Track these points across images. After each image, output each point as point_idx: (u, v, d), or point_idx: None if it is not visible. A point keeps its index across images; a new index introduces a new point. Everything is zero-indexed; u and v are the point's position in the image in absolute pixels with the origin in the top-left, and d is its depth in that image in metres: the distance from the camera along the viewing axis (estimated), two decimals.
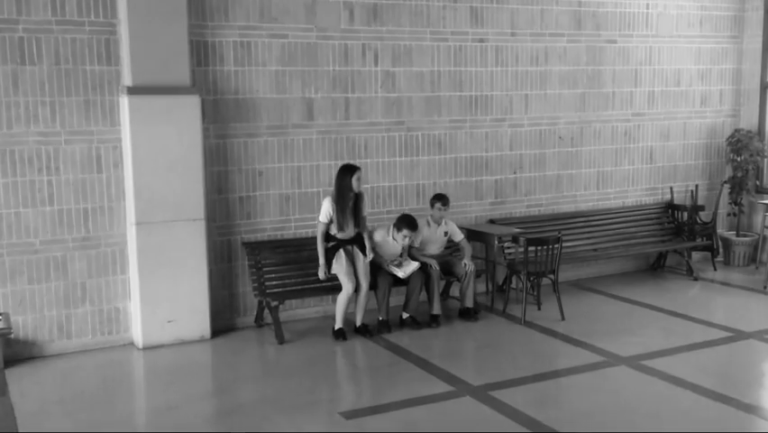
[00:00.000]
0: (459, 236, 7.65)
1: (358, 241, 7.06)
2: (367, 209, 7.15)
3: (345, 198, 6.89)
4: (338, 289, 6.99)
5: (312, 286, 7.33)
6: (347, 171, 6.92)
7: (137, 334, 6.84)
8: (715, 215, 9.52)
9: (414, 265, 7.19)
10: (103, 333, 6.86)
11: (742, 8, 9.75)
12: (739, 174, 9.50)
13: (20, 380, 6.05)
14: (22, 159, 6.45)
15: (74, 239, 6.67)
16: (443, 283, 7.80)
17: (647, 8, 9.16)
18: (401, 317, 7.30)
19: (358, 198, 6.98)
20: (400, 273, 7.14)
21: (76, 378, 6.25)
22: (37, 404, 5.66)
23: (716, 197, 9.65)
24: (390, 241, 7.24)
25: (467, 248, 7.62)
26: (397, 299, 7.43)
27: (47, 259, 6.60)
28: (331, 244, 6.97)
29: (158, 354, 6.68)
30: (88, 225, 6.72)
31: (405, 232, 7.13)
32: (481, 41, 8.23)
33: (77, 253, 6.70)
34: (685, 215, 9.33)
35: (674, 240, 9.29)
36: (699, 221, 9.39)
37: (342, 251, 6.96)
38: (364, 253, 7.05)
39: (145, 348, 6.78)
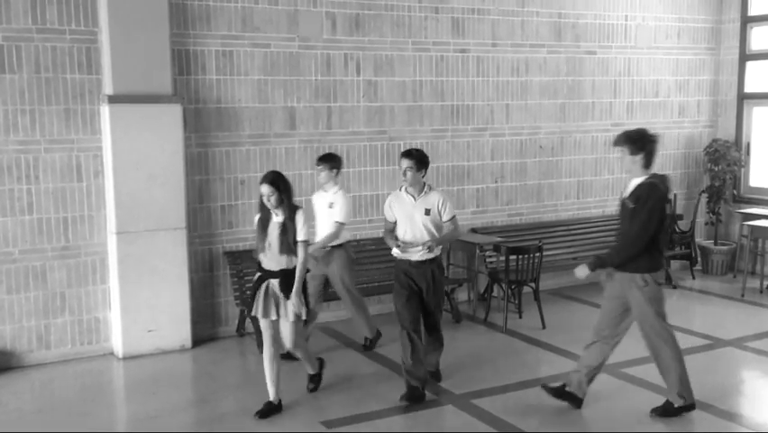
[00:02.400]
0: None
1: (285, 279, 5.28)
2: (302, 233, 5.28)
3: (262, 212, 5.37)
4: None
5: None
6: None
7: (117, 343, 6.79)
8: (693, 224, 9.63)
9: (417, 249, 5.60)
10: (82, 343, 6.80)
11: (719, 20, 9.90)
12: (717, 184, 9.62)
13: None
14: (1, 167, 6.40)
15: (53, 248, 6.62)
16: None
17: (626, 20, 9.28)
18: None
19: (291, 215, 5.29)
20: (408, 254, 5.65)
21: (55, 388, 6.19)
22: (15, 415, 5.61)
23: (694, 206, 9.76)
24: (404, 196, 5.73)
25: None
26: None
27: (26, 268, 6.54)
28: (257, 275, 5.41)
29: (138, 363, 6.63)
30: (68, 235, 6.67)
31: (402, 163, 5.66)
32: (463, 51, 8.30)
33: (56, 263, 6.64)
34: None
35: None
36: (677, 230, 9.49)
37: (261, 288, 5.35)
38: (288, 294, 5.27)
39: (125, 358, 6.73)
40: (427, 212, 5.67)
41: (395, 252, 5.70)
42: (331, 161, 6.56)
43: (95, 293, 6.81)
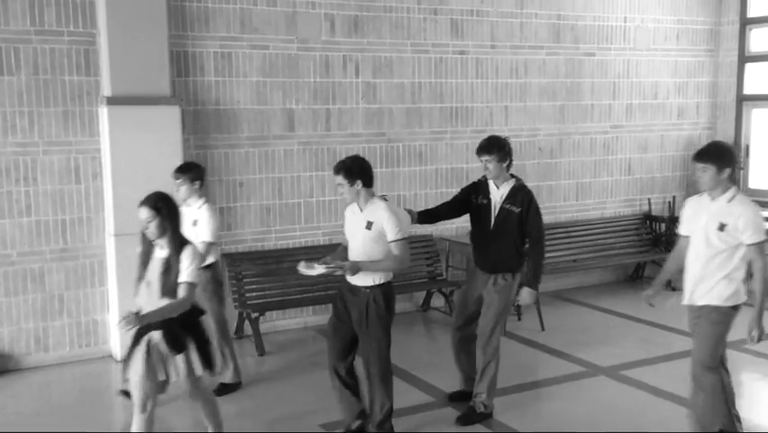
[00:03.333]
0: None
1: (169, 331, 4.29)
2: (186, 273, 4.24)
3: (144, 244, 4.38)
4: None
5: (292, 297, 7.32)
6: None
7: (115, 346, 6.77)
8: None
9: (318, 269, 4.61)
10: (80, 345, 6.79)
11: (718, 22, 9.90)
12: None
13: None
14: None
15: (52, 251, 6.61)
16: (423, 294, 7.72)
17: (625, 21, 9.28)
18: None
19: (177, 249, 4.23)
20: (310, 271, 4.64)
21: (53, 391, 6.19)
22: (13, 417, 5.60)
23: None
24: (355, 207, 4.81)
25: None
26: None
27: (24, 271, 6.53)
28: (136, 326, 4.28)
29: None
30: (66, 237, 6.66)
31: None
32: (461, 53, 8.29)
33: (54, 265, 6.63)
34: (663, 226, 9.43)
35: (652, 251, 9.38)
36: (676, 232, 9.47)
37: (142, 343, 4.34)
38: (176, 350, 4.31)
39: (123, 360, 6.70)
40: (369, 225, 4.66)
41: (299, 266, 4.68)
42: (190, 171, 5.63)
43: (93, 295, 6.80)
